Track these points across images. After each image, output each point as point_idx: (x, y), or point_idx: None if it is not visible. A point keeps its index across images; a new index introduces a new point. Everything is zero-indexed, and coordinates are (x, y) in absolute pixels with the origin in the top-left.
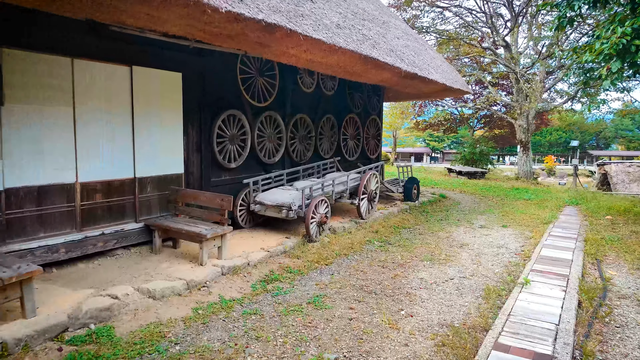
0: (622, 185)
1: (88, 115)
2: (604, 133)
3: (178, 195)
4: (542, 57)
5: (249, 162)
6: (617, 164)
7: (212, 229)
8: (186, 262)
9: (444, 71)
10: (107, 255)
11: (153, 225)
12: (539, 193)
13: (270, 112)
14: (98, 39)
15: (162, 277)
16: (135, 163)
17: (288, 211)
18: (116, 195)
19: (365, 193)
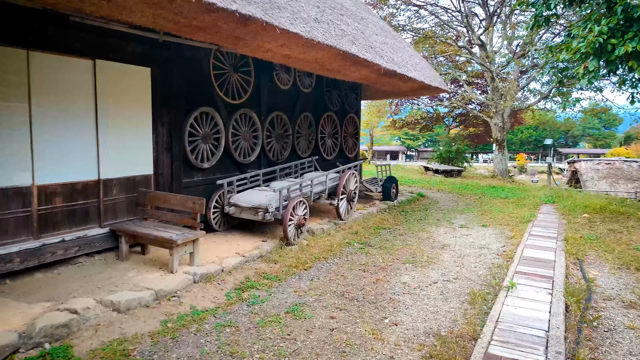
0: (592, 183)
1: (46, 112)
2: (573, 131)
3: (147, 198)
4: (517, 56)
5: (223, 162)
6: (586, 162)
7: (183, 233)
8: (155, 270)
9: (422, 69)
10: (69, 263)
11: (119, 230)
12: (515, 191)
13: (245, 109)
14: (57, 30)
15: (129, 287)
16: (99, 164)
17: (265, 213)
18: (79, 198)
19: (345, 193)
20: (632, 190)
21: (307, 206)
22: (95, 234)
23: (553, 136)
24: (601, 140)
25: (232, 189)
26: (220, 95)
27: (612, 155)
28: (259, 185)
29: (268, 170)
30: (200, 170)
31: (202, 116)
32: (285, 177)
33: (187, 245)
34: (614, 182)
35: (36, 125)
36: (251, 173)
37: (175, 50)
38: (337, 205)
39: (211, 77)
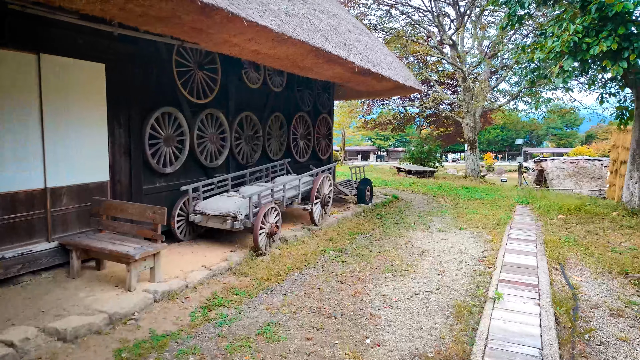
0: (558, 181)
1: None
2: (537, 131)
3: (102, 208)
4: (488, 57)
5: (188, 166)
6: (552, 161)
7: (142, 247)
8: (111, 288)
9: (396, 68)
10: (10, 283)
11: (70, 244)
12: (488, 192)
13: (212, 109)
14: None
15: (79, 311)
16: (46, 170)
17: (233, 222)
18: (21, 209)
19: (319, 198)
20: (596, 188)
21: (279, 213)
22: (41, 250)
23: (519, 136)
24: (564, 139)
25: (197, 195)
26: (184, 94)
27: (575, 154)
28: (228, 191)
29: (237, 174)
30: (163, 175)
31: (164, 117)
32: (256, 182)
33: (147, 259)
34: (579, 180)
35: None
36: (219, 178)
37: (134, 46)
38: (310, 211)
39: (174, 75)
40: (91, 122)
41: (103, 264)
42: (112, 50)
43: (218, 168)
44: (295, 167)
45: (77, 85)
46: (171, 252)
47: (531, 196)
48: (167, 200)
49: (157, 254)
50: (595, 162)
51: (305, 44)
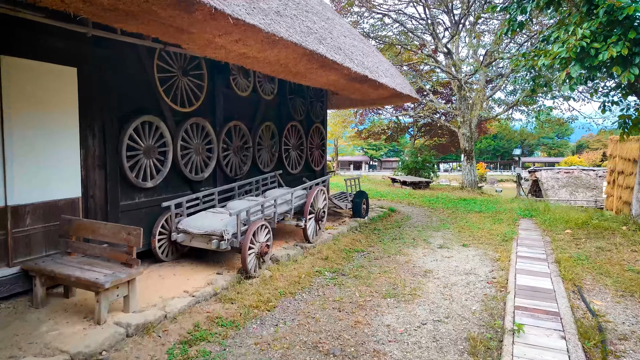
0: (552, 191)
1: None
2: (528, 141)
3: (71, 228)
4: (485, 64)
5: (171, 180)
6: (546, 171)
7: (113, 273)
8: (78, 320)
9: (392, 75)
10: None
11: (33, 269)
12: (488, 204)
13: (198, 118)
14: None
15: (36, 350)
16: (6, 186)
17: (219, 241)
18: None
19: (313, 213)
20: (591, 198)
21: (270, 230)
22: (1, 276)
23: (510, 146)
24: (555, 149)
25: (181, 211)
26: (166, 102)
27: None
28: (214, 206)
29: (225, 187)
30: (143, 190)
31: (145, 126)
32: (245, 195)
33: (120, 287)
34: (574, 190)
35: None
36: (204, 192)
37: (110, 48)
38: (304, 227)
39: (155, 80)
40: (60, 132)
41: (72, 291)
42: (85, 53)
43: (204, 181)
44: (288, 179)
45: (45, 91)
46: (151, 275)
47: (534, 209)
48: (147, 217)
49: (131, 281)
50: (590, 172)
51: (298, 46)
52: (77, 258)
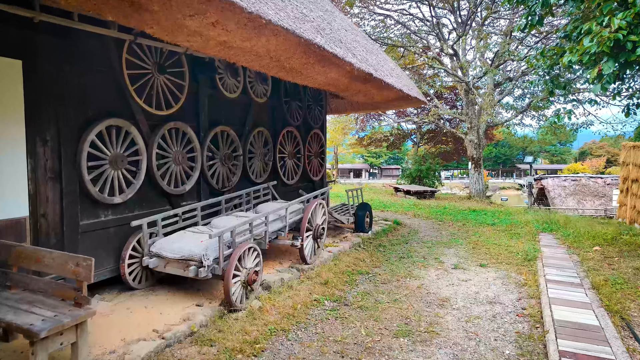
0: (559, 200)
1: None
2: (530, 148)
3: (11, 255)
4: (495, 66)
5: (146, 194)
6: (553, 179)
7: (56, 316)
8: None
9: (398, 76)
10: None
11: None
12: (500, 215)
13: (177, 123)
14: None
15: None
16: None
17: (198, 268)
18: None
19: (310, 230)
20: (600, 207)
21: (260, 254)
22: None
23: (511, 152)
24: (557, 156)
25: (156, 231)
26: (138, 103)
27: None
28: (197, 224)
29: (210, 202)
30: (110, 206)
31: (111, 131)
32: (234, 210)
33: (65, 333)
34: (582, 199)
35: None
36: (185, 207)
37: (67, 38)
38: (301, 247)
39: (124, 78)
40: (1, 138)
41: (13, 333)
42: (33, 42)
43: (186, 195)
44: (283, 190)
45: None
46: (117, 309)
47: (553, 222)
48: (116, 238)
49: (81, 325)
50: (598, 180)
51: (290, 34)
52: (18, 294)
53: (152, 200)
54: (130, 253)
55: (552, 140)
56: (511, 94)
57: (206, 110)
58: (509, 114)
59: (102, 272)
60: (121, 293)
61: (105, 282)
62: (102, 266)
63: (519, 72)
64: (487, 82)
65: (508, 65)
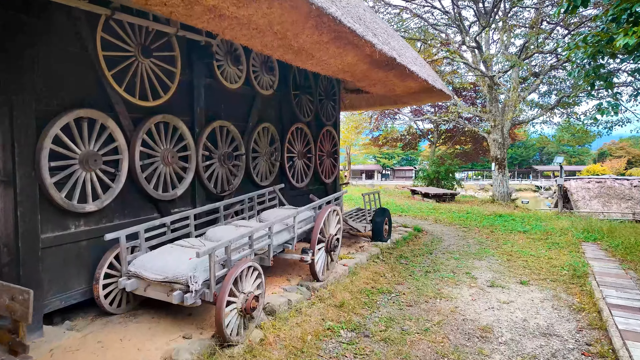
0: (583, 202)
1: None
2: (547, 149)
3: None
4: (523, 58)
5: (128, 200)
6: (576, 180)
7: None
8: None
9: (422, 65)
10: None
11: None
12: (529, 221)
13: (167, 116)
14: None
15: None
16: None
17: (184, 293)
18: None
19: (323, 241)
20: (627, 210)
21: (261, 273)
22: None
23: (528, 153)
24: (575, 157)
25: (139, 244)
26: (117, 91)
27: (588, 172)
28: (190, 235)
29: (206, 208)
30: (82, 215)
31: (81, 125)
32: (234, 218)
33: None
34: (607, 201)
35: None
36: (175, 216)
37: (24, 11)
38: (312, 262)
39: (99, 60)
40: None
41: None
42: None
43: (178, 201)
44: (292, 194)
45: None
46: (86, 342)
47: (595, 229)
48: (90, 254)
49: None
50: (624, 182)
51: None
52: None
53: (135, 207)
54: (106, 271)
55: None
56: (536, 90)
57: (202, 103)
58: (534, 111)
59: (71, 295)
60: (97, 319)
61: (81, 305)
62: (71, 288)
63: (544, 67)
64: (512, 77)
65: (533, 60)
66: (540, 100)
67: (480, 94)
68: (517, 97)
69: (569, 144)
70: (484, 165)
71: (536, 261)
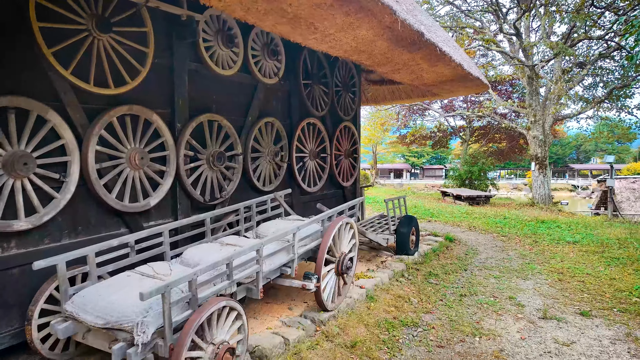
0: (628, 204)
1: None
2: (585, 146)
3: None
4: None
5: (82, 213)
6: (620, 180)
7: None
8: None
9: (455, 47)
10: None
11: None
12: (577, 228)
13: (135, 107)
14: None
15: None
16: None
17: (129, 345)
18: None
19: (332, 261)
20: None
21: (242, 313)
22: None
23: (564, 151)
24: (614, 155)
25: (88, 271)
26: (63, 76)
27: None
28: (163, 257)
29: (186, 222)
30: (12, 235)
31: (7, 117)
32: (226, 232)
33: None
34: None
35: None
36: (141, 233)
37: None
38: (317, 290)
39: (34, 35)
40: None
41: None
42: None
43: (154, 212)
44: (304, 200)
45: None
46: None
47: None
48: (27, 284)
49: None
50: None
51: None
52: None
53: (93, 222)
54: (46, 307)
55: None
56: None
57: (185, 92)
58: (578, 105)
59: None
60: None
61: (14, 349)
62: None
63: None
64: (555, 67)
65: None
66: (585, 93)
67: (517, 88)
68: (561, 89)
69: (608, 141)
70: (517, 163)
71: (595, 282)
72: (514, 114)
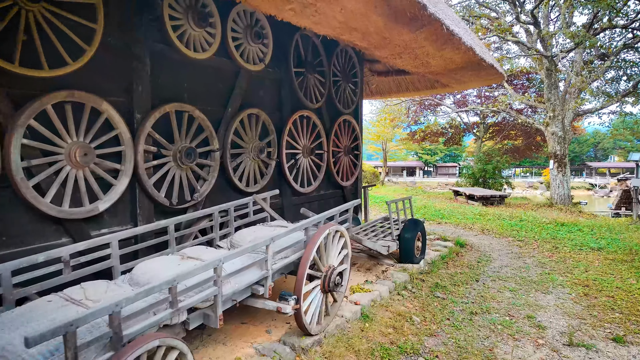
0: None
1: None
2: (603, 144)
3: None
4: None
5: (6, 221)
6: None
7: None
8: None
9: (466, 30)
10: None
11: None
12: (601, 233)
13: (77, 93)
14: None
15: None
16: None
17: None
18: None
19: (317, 277)
20: None
21: (185, 352)
22: None
23: (581, 149)
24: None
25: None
26: None
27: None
28: (111, 272)
29: (141, 230)
30: None
31: None
32: (192, 242)
33: None
34: None
35: None
36: (78, 245)
37: None
38: (297, 312)
39: None
40: None
41: None
42: None
43: (107, 217)
44: (297, 202)
45: None
46: None
47: None
48: None
49: None
50: None
51: None
52: None
53: (23, 231)
54: None
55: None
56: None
57: (147, 77)
58: (600, 100)
59: None
60: None
61: None
62: None
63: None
64: (576, 59)
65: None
66: (607, 87)
67: (533, 82)
68: (583, 81)
69: (626, 139)
70: (533, 161)
71: (627, 298)
72: (530, 110)
